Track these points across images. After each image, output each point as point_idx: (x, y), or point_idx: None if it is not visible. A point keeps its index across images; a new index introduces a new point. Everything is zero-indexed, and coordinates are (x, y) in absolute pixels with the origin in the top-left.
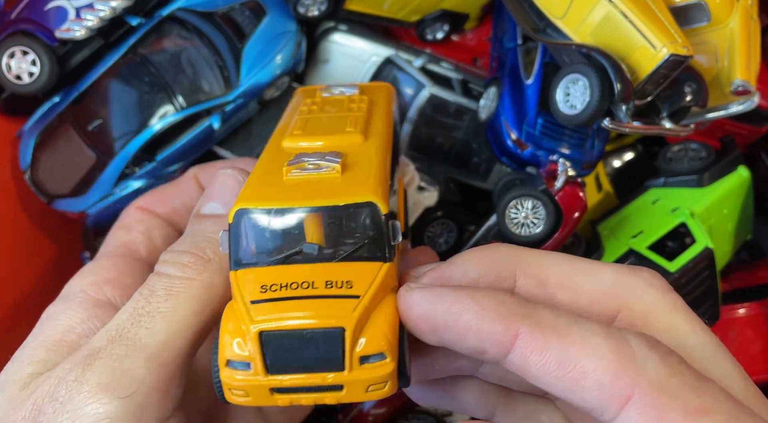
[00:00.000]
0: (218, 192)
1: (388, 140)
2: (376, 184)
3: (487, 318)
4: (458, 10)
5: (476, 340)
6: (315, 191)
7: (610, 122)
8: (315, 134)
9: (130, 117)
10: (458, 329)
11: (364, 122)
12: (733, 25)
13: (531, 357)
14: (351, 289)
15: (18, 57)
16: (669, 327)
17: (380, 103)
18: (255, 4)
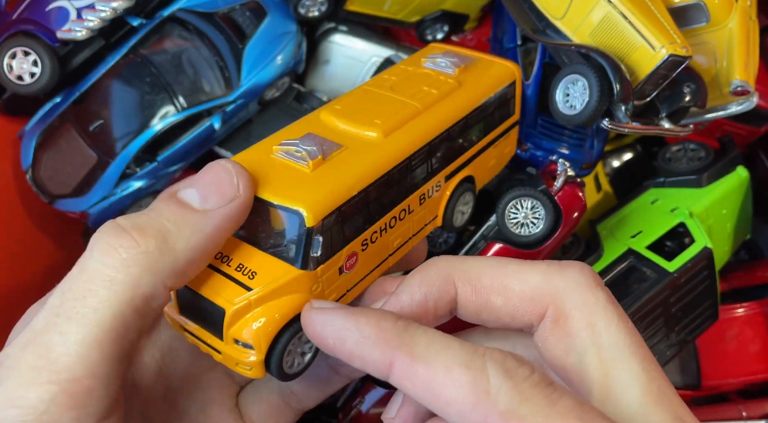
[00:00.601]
0: (205, 182)
1: (422, 139)
2: (319, 194)
3: (367, 346)
4: (458, 11)
5: (360, 364)
6: (275, 179)
7: (609, 122)
8: (349, 116)
9: (131, 117)
10: (344, 352)
11: (407, 115)
12: (732, 25)
13: (404, 383)
14: (251, 280)
15: (19, 57)
16: (586, 325)
17: (471, 89)
18: (256, 4)
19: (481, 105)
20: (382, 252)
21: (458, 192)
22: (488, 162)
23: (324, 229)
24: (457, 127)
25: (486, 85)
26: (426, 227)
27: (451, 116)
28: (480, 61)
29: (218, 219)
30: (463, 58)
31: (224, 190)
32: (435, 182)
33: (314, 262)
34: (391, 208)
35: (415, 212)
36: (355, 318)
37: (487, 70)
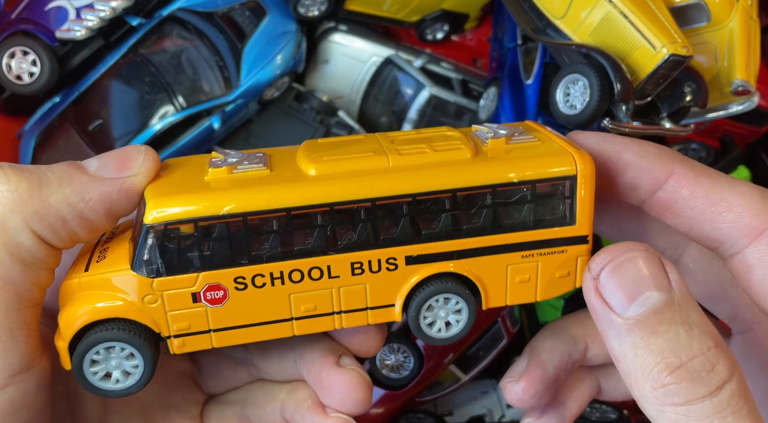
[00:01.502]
0: (110, 154)
1: (366, 191)
2: (180, 198)
3: (646, 156)
4: (458, 11)
5: (633, 175)
6: (174, 176)
7: (609, 122)
8: (314, 150)
9: (130, 117)
10: (619, 164)
11: (368, 165)
12: (733, 25)
13: (682, 191)
14: (96, 264)
15: (18, 57)
16: None
17: (489, 164)
18: (255, 4)
19: (491, 185)
20: (278, 309)
21: (434, 289)
22: (513, 274)
23: (169, 237)
24: (437, 201)
25: (517, 165)
26: (370, 311)
27: (428, 182)
28: (541, 143)
29: (105, 187)
30: (519, 132)
31: (125, 163)
32: (385, 257)
33: (147, 268)
34: (295, 257)
35: (344, 281)
36: (632, 138)
37: (537, 152)
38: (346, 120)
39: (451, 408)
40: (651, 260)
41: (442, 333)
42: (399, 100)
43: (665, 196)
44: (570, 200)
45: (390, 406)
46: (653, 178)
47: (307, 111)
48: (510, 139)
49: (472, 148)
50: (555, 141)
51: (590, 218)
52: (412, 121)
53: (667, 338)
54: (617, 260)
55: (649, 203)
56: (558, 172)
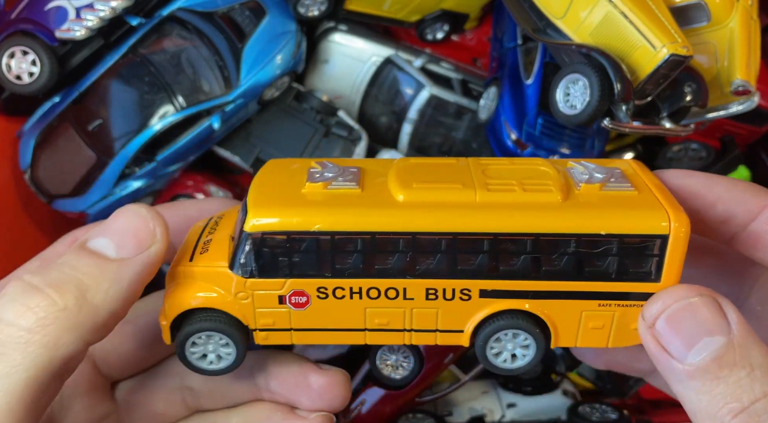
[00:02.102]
0: (117, 229)
1: (448, 224)
2: (280, 211)
3: (738, 189)
4: (458, 10)
5: (724, 208)
6: (278, 184)
7: (610, 122)
8: (406, 171)
9: (130, 117)
10: (709, 198)
11: (455, 197)
12: (733, 25)
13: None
14: (199, 255)
15: (18, 57)
16: None
17: (576, 212)
18: (255, 4)
19: (576, 234)
20: (353, 319)
21: (504, 323)
22: (587, 320)
23: (264, 245)
24: (520, 241)
25: (606, 218)
26: (439, 334)
27: (512, 224)
28: (637, 194)
29: (137, 267)
30: (616, 177)
31: (141, 236)
32: (460, 287)
33: (242, 269)
34: (374, 276)
35: (417, 304)
36: (717, 175)
37: (631, 204)
38: (345, 120)
39: (451, 408)
40: (707, 304)
41: (507, 364)
42: (399, 100)
43: (759, 227)
44: (658, 258)
45: (390, 406)
46: (746, 209)
47: (307, 111)
48: (605, 184)
49: (563, 191)
50: (652, 192)
51: (677, 277)
52: (412, 121)
53: (729, 383)
54: (672, 308)
55: (741, 237)
56: (650, 231)
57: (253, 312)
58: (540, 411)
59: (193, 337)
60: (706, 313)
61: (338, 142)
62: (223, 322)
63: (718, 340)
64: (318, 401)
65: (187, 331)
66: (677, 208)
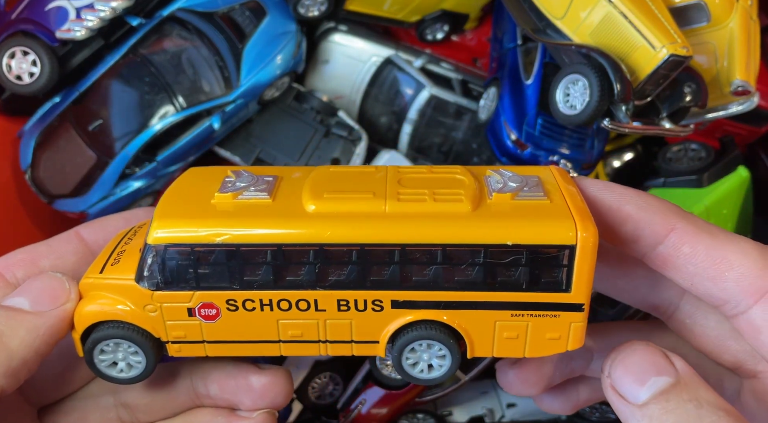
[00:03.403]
0: (32, 289)
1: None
2: (183, 222)
3: (648, 210)
4: (458, 11)
5: (633, 228)
6: (191, 194)
7: (609, 122)
8: (320, 182)
9: (130, 117)
10: (619, 215)
11: (363, 208)
12: (733, 25)
13: (683, 247)
14: (110, 267)
15: (18, 57)
16: None
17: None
18: (255, 4)
19: (484, 245)
20: (266, 331)
21: (418, 334)
22: (501, 330)
23: (168, 257)
24: (429, 252)
25: (514, 228)
26: (355, 344)
27: (416, 234)
28: (549, 203)
29: (51, 320)
30: (531, 186)
31: (56, 293)
32: (371, 298)
33: (148, 282)
34: (284, 288)
35: (329, 315)
36: (635, 190)
37: (539, 214)
38: (346, 120)
39: (451, 408)
40: (654, 352)
41: (424, 374)
42: (399, 100)
43: (666, 251)
44: (567, 268)
45: (390, 406)
46: (654, 231)
47: (307, 111)
48: (517, 194)
49: (474, 200)
50: (565, 201)
51: (588, 287)
52: (412, 121)
53: (678, 414)
54: (622, 354)
55: (650, 256)
56: (556, 241)
57: (163, 324)
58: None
59: (100, 344)
60: (652, 358)
61: (338, 143)
62: (130, 329)
63: (665, 379)
64: (260, 401)
65: (93, 338)
66: (586, 217)
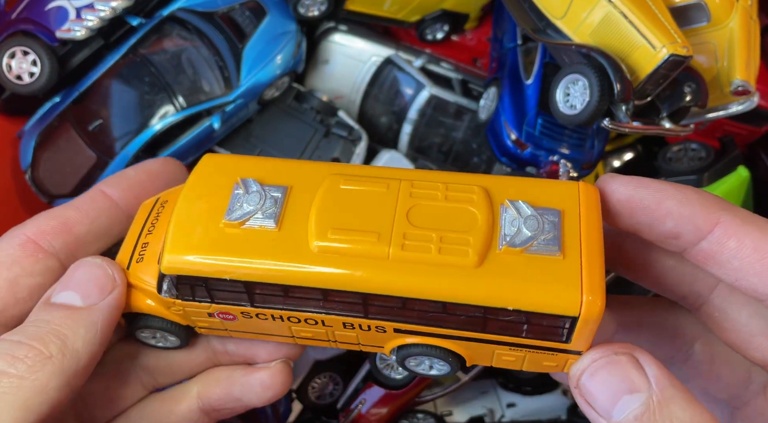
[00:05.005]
0: (78, 281)
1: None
2: (193, 252)
3: (689, 205)
4: (458, 11)
5: (674, 224)
6: (203, 223)
7: (609, 122)
8: (332, 204)
9: (130, 117)
10: (658, 212)
11: (367, 250)
12: (733, 25)
13: (728, 242)
14: (136, 264)
15: (18, 57)
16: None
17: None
18: (255, 4)
19: (483, 306)
20: (280, 331)
21: (420, 351)
22: (500, 356)
23: (182, 281)
24: (425, 303)
25: (515, 292)
26: (362, 346)
27: (417, 289)
28: (561, 260)
29: (104, 311)
30: (547, 233)
31: (102, 282)
32: (375, 324)
33: (168, 294)
34: (292, 310)
35: (336, 330)
36: (672, 184)
37: (545, 277)
38: (346, 120)
39: (451, 408)
40: (625, 362)
41: (425, 371)
42: (399, 100)
43: (709, 246)
44: (568, 331)
45: (390, 406)
46: (697, 227)
47: (307, 111)
48: (528, 247)
49: (480, 253)
50: (580, 256)
51: (588, 341)
52: (412, 121)
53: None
54: (592, 368)
55: (691, 252)
56: (558, 311)
57: (189, 318)
58: (540, 411)
59: (137, 331)
60: (625, 372)
61: (338, 142)
62: (160, 321)
63: (636, 398)
64: (276, 352)
65: (131, 328)
66: (595, 288)
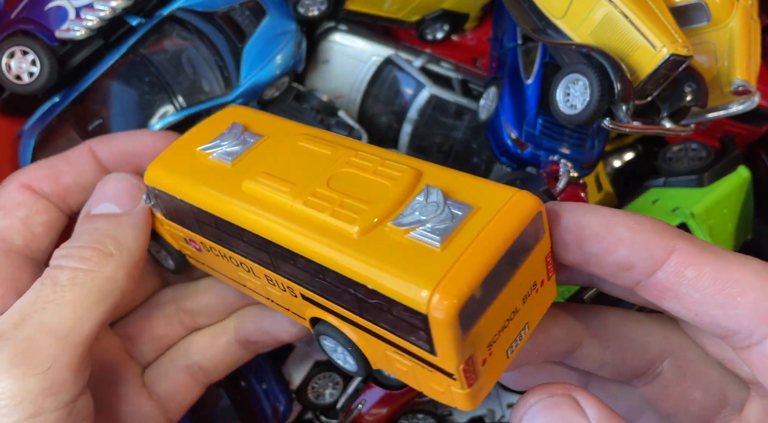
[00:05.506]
0: (110, 193)
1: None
2: (163, 167)
3: (642, 231)
4: (458, 10)
5: (626, 253)
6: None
7: (610, 122)
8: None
9: (130, 117)
10: (609, 240)
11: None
12: (733, 25)
13: (686, 272)
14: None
15: (18, 57)
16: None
17: (369, 253)
18: (255, 4)
19: (347, 278)
20: (232, 273)
21: (327, 331)
22: (393, 361)
23: (156, 194)
24: (310, 263)
25: (378, 269)
26: (292, 312)
27: (299, 244)
28: (438, 254)
29: (140, 216)
30: (440, 223)
31: (133, 192)
32: (286, 284)
33: (156, 209)
34: (227, 248)
35: (264, 284)
36: (624, 211)
37: (409, 267)
38: (346, 120)
39: (451, 408)
40: (566, 404)
41: (340, 362)
42: (399, 99)
43: (666, 277)
44: (425, 332)
45: (390, 406)
46: (651, 255)
47: (307, 111)
48: (411, 231)
49: (368, 224)
50: (461, 256)
51: (454, 361)
52: (412, 120)
53: None
54: (532, 411)
55: (646, 285)
56: (405, 300)
57: (178, 243)
58: None
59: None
60: (563, 414)
61: None
62: (161, 240)
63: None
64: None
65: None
66: (457, 287)
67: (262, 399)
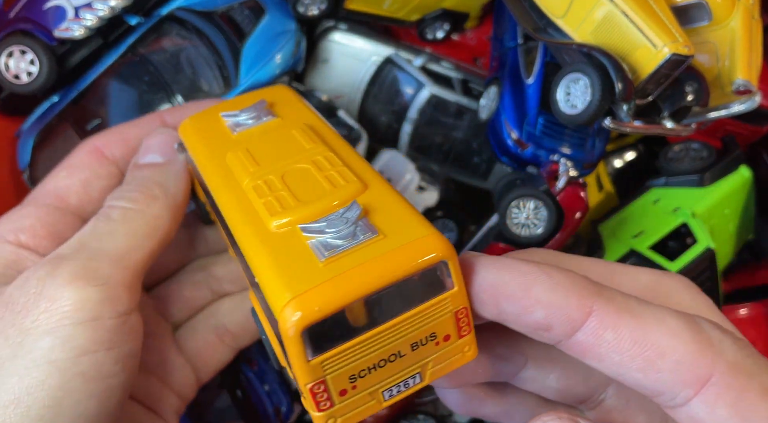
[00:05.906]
0: (155, 146)
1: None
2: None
3: (559, 292)
4: (458, 9)
5: (543, 314)
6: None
7: (611, 122)
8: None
9: (129, 116)
10: (526, 301)
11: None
12: (735, 24)
13: (605, 334)
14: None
15: (16, 56)
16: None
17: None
18: (254, 3)
19: (249, 269)
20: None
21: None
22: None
23: (180, 146)
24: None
25: (262, 271)
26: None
27: (231, 222)
28: (322, 267)
29: (180, 165)
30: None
31: (168, 144)
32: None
33: (179, 153)
34: (215, 214)
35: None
36: (541, 264)
37: (288, 271)
38: (346, 119)
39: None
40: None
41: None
42: (399, 99)
43: (585, 339)
44: (281, 341)
45: (390, 406)
46: (569, 317)
47: None
48: (312, 239)
49: (284, 221)
50: (336, 275)
51: (300, 375)
52: (412, 120)
53: None
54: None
55: (567, 344)
56: (271, 305)
57: (201, 194)
58: None
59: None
60: None
61: None
62: (196, 196)
63: None
64: None
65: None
66: (315, 304)
67: (264, 400)
